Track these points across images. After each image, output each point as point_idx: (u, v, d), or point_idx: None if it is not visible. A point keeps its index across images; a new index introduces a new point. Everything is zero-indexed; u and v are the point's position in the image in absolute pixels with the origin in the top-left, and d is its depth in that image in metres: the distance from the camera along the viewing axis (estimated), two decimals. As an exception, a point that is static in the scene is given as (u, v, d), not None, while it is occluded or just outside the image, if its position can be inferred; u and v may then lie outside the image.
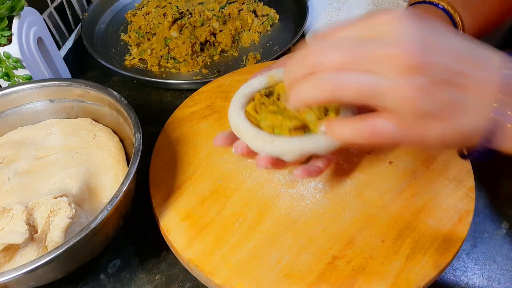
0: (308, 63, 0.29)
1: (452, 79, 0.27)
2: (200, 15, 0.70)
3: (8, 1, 0.52)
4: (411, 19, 0.27)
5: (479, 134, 0.29)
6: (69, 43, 0.77)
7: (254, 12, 0.76)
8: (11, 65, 0.53)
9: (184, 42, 0.67)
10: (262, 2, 0.79)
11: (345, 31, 0.29)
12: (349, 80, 0.28)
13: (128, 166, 0.43)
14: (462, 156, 0.34)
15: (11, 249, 0.40)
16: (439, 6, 0.49)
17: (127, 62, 0.70)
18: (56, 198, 0.41)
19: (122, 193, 0.38)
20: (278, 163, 0.36)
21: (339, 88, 0.28)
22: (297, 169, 0.36)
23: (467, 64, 0.28)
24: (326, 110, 0.36)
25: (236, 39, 0.72)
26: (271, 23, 0.76)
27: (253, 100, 0.39)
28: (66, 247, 0.34)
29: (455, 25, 0.48)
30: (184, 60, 0.68)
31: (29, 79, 0.55)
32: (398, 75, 0.26)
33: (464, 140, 0.30)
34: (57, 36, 0.74)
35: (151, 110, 0.63)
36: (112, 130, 0.53)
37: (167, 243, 0.43)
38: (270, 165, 0.35)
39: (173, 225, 0.42)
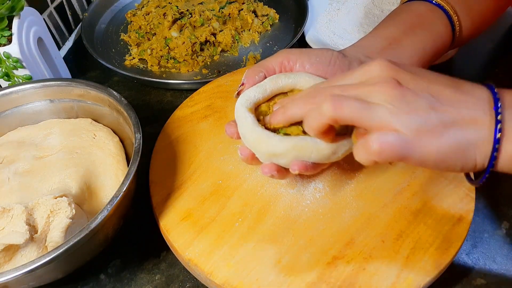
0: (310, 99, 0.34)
1: (439, 100, 0.30)
2: (200, 15, 0.70)
3: (8, 1, 0.52)
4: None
5: (481, 149, 0.30)
6: (69, 43, 0.77)
7: (254, 12, 0.76)
8: (11, 65, 0.53)
9: (184, 42, 0.67)
10: (262, 2, 0.79)
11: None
12: (348, 102, 0.30)
13: (128, 166, 0.43)
14: (469, 180, 0.35)
15: (11, 249, 0.40)
16: (433, 2, 0.47)
17: (127, 62, 0.70)
18: (56, 198, 0.41)
19: (122, 193, 0.38)
20: (281, 170, 0.37)
21: (341, 107, 0.30)
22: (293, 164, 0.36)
23: (453, 86, 0.31)
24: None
25: (236, 39, 0.72)
26: (271, 23, 0.76)
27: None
28: (66, 247, 0.34)
29: (452, 24, 0.47)
30: (184, 60, 0.68)
31: (29, 79, 0.55)
32: (385, 100, 0.30)
33: (464, 157, 0.30)
34: (57, 36, 0.73)
35: (151, 110, 0.63)
36: (112, 130, 0.52)
37: (167, 243, 0.43)
38: (275, 172, 0.37)
39: (173, 225, 0.42)
